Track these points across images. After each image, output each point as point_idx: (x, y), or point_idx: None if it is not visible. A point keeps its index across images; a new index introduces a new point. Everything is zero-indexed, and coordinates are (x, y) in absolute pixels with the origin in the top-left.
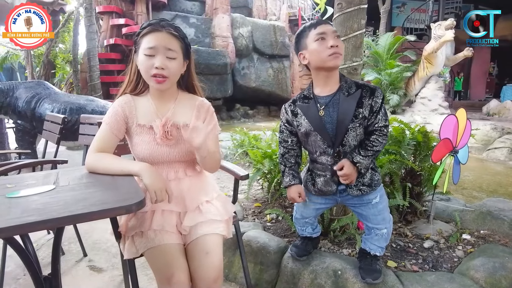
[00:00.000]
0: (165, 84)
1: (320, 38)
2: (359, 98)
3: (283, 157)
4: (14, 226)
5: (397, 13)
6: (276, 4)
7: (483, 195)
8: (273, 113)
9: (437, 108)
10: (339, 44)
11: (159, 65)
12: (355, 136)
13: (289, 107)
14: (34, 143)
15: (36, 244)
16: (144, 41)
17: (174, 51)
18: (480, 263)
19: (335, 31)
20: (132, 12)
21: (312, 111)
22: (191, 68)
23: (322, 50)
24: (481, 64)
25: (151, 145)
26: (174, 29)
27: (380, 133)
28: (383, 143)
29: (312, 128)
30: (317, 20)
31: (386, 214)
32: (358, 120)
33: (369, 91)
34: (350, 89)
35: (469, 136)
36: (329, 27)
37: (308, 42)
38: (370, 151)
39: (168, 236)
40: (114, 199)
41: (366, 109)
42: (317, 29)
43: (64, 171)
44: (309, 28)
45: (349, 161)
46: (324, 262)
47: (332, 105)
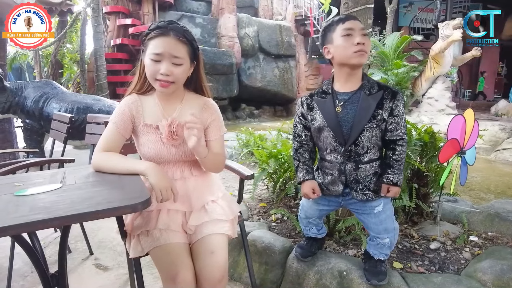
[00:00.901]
0: (169, 88)
1: (347, 34)
2: (380, 99)
3: (297, 152)
4: (22, 224)
5: (404, 13)
6: (282, 4)
7: (491, 196)
8: (278, 113)
9: (444, 109)
10: (365, 42)
11: (164, 71)
12: (370, 137)
13: (305, 100)
14: (41, 142)
15: (43, 242)
16: (151, 45)
17: (180, 58)
18: (487, 265)
19: (363, 28)
20: (138, 12)
21: (329, 107)
22: (200, 69)
23: (348, 46)
24: (490, 64)
25: (157, 144)
26: (181, 34)
27: (403, 142)
28: (406, 151)
29: (325, 124)
30: (346, 15)
31: (389, 224)
32: (376, 121)
33: (391, 93)
34: (372, 88)
35: (476, 137)
36: (357, 23)
37: (335, 36)
38: (402, 164)
39: (174, 235)
40: (120, 198)
41: (386, 111)
42: (345, 24)
43: (71, 170)
44: (337, 22)
45: (390, 185)
46: (329, 263)
47: (351, 103)
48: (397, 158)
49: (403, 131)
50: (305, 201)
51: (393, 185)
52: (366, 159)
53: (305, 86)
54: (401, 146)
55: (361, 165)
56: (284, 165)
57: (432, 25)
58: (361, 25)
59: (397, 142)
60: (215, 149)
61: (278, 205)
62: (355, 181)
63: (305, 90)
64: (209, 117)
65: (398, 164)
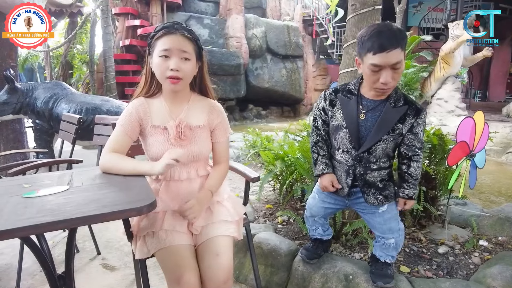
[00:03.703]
0: (179, 85)
1: (374, 70)
2: (403, 113)
3: (316, 145)
4: (29, 226)
5: (413, 13)
6: (290, 5)
7: (502, 199)
8: (286, 113)
9: (454, 110)
10: (391, 81)
11: (174, 66)
12: (384, 149)
13: (329, 95)
14: (51, 142)
15: (52, 241)
16: (159, 43)
17: (188, 53)
18: (497, 271)
19: (396, 63)
20: (147, 13)
21: (352, 108)
22: (204, 69)
23: (372, 80)
24: (501, 64)
25: (164, 145)
26: (187, 32)
27: (418, 158)
28: (421, 165)
29: (344, 125)
30: (381, 41)
31: (394, 224)
32: (394, 134)
33: (415, 110)
34: (398, 101)
35: (486, 140)
36: (390, 58)
37: (364, 60)
38: (417, 179)
39: (179, 237)
40: (125, 200)
41: (406, 127)
42: (375, 58)
43: (78, 172)
44: (368, 49)
45: (406, 199)
46: (335, 266)
47: (375, 111)
48: (412, 174)
49: (418, 147)
50: (312, 199)
51: (408, 199)
52: (376, 166)
53: (312, 87)
54: (416, 162)
55: (369, 171)
56: (291, 167)
57: (442, 25)
58: (395, 58)
59: (412, 157)
60: (221, 152)
61: (284, 207)
62: (367, 185)
63: (312, 90)
64: (215, 119)
65: (413, 179)
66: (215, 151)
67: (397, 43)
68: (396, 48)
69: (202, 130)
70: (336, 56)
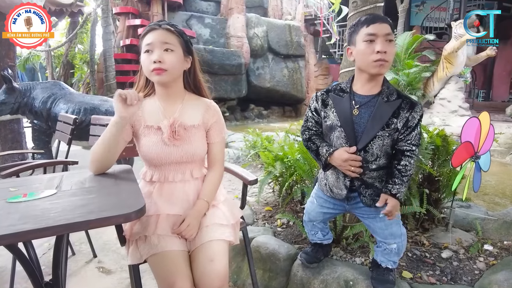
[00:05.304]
0: (164, 75)
1: (369, 40)
2: (397, 108)
3: (310, 140)
4: (9, 235)
5: (416, 12)
6: (292, 4)
7: (507, 201)
8: (287, 113)
9: (457, 110)
10: (388, 49)
11: (156, 58)
12: (381, 145)
13: (321, 95)
14: (49, 142)
15: (48, 243)
16: (144, 41)
17: (170, 44)
18: (503, 277)
19: (388, 33)
20: (148, 12)
21: (345, 105)
22: (196, 66)
23: (368, 53)
24: (505, 63)
25: (158, 145)
26: (171, 26)
27: (411, 153)
28: (414, 165)
29: (339, 123)
30: (373, 16)
31: (396, 229)
32: (389, 129)
33: (409, 104)
34: (391, 96)
35: (492, 142)
36: (383, 27)
37: (357, 40)
38: (405, 176)
39: (172, 242)
40: (113, 206)
41: (400, 121)
42: (369, 28)
43: (69, 174)
44: (362, 24)
45: (388, 195)
46: (335, 272)
47: (367, 107)
48: (402, 169)
49: (413, 143)
50: (310, 203)
51: (391, 195)
52: (374, 166)
53: (314, 86)
54: (408, 157)
55: (368, 172)
56: (291, 168)
57: (445, 24)
58: (386, 29)
59: (404, 152)
60: (216, 153)
61: (284, 209)
62: (363, 186)
63: (314, 90)
64: (211, 118)
65: (402, 176)
66: (210, 152)
67: (387, 20)
68: (387, 23)
69: (197, 129)
70: (338, 55)
